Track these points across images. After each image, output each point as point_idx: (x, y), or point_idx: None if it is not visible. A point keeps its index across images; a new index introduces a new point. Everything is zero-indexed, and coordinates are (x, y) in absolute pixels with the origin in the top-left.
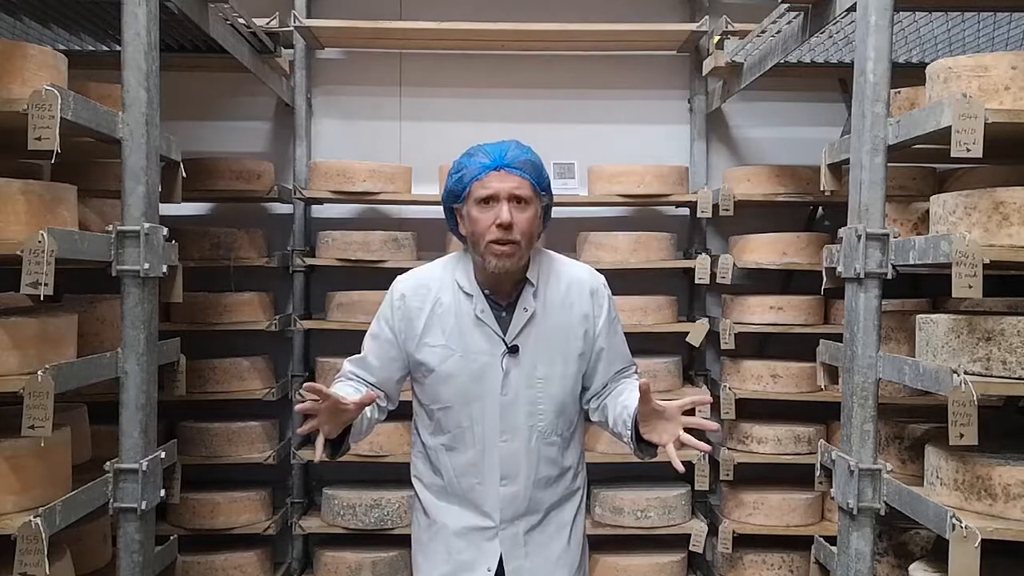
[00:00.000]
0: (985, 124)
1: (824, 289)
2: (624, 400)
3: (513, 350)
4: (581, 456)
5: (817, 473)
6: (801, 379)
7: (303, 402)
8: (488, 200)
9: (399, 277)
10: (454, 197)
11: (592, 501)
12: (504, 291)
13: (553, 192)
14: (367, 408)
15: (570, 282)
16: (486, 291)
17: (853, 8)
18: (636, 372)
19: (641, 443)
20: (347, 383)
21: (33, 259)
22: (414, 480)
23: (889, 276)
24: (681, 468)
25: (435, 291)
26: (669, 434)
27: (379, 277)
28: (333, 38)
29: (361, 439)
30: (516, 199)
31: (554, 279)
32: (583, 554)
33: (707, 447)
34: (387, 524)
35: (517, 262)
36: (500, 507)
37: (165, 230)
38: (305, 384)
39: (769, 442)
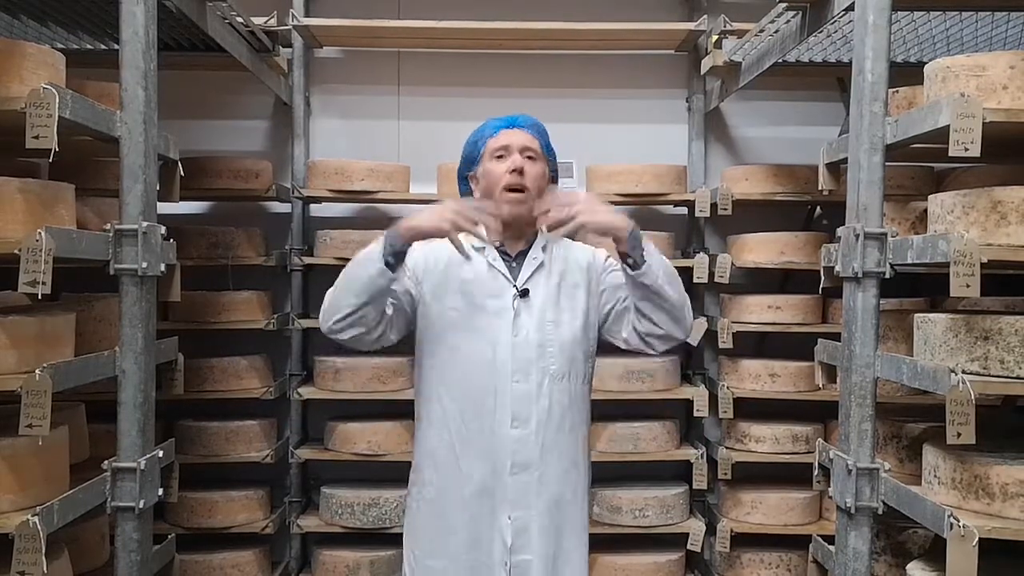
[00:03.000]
0: (983, 123)
1: (822, 288)
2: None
3: (524, 293)
4: (588, 423)
5: (815, 472)
6: (799, 378)
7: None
8: (502, 153)
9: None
10: (470, 162)
11: (590, 500)
12: (515, 245)
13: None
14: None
15: (572, 247)
16: (497, 244)
17: (851, 7)
18: None
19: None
20: None
21: (31, 258)
22: (419, 459)
23: (887, 275)
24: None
25: (450, 251)
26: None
27: None
28: (331, 37)
29: (380, 305)
30: (527, 154)
31: (558, 243)
32: (585, 543)
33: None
34: (385, 523)
35: (528, 210)
36: (511, 450)
37: (163, 229)
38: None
39: (767, 441)
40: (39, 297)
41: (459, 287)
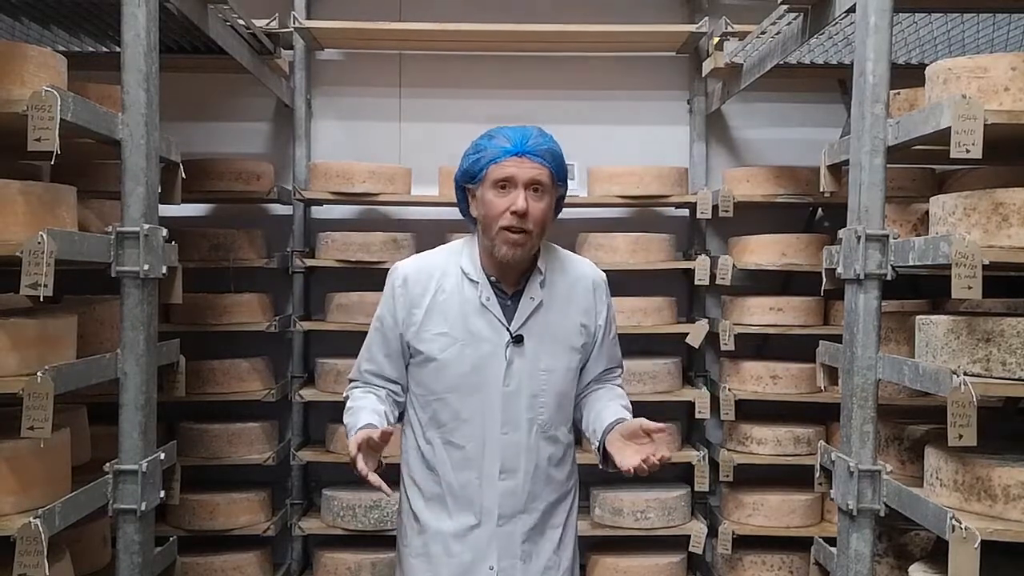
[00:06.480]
0: (984, 125)
1: (824, 290)
2: (600, 410)
3: (518, 340)
4: (574, 456)
5: (817, 474)
6: (801, 380)
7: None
8: (505, 184)
9: (400, 262)
10: (469, 177)
11: (591, 502)
12: (510, 279)
13: None
14: (387, 415)
15: (576, 276)
16: (492, 278)
17: (852, 9)
18: (621, 374)
19: (607, 458)
20: (366, 393)
21: (33, 260)
22: (406, 482)
23: (889, 277)
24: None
25: (438, 277)
26: (632, 458)
27: (379, 278)
28: (332, 39)
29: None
30: (534, 187)
31: (560, 272)
32: (574, 557)
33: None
34: (386, 525)
35: (527, 252)
36: (499, 502)
37: (165, 231)
38: (360, 443)
39: (769, 443)
40: (41, 299)
41: (448, 328)
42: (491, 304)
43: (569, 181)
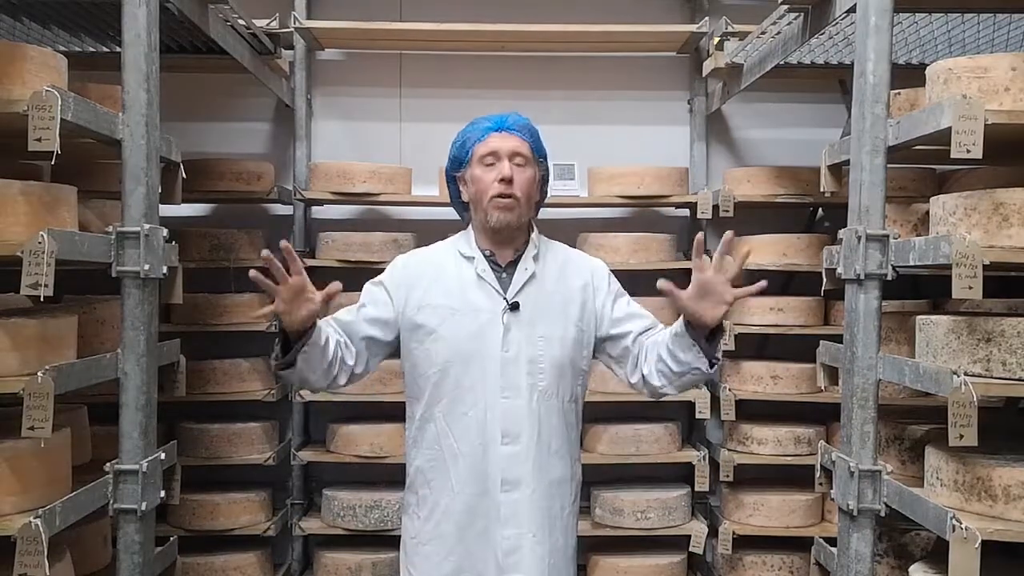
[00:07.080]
0: (985, 125)
1: (824, 290)
2: (659, 336)
3: (514, 307)
4: (578, 442)
5: (817, 474)
6: (801, 380)
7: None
8: (492, 161)
9: (401, 255)
10: (457, 164)
11: (592, 502)
12: (504, 253)
13: (553, 193)
14: (331, 338)
15: (568, 257)
16: (486, 252)
17: (853, 9)
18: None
19: (699, 339)
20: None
21: (33, 260)
22: (411, 474)
23: (889, 277)
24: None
25: (437, 262)
26: (717, 301)
27: None
28: (333, 39)
29: (315, 375)
30: (517, 160)
31: (552, 252)
32: (574, 552)
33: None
34: (387, 525)
35: (518, 218)
36: (503, 467)
37: (165, 231)
38: (271, 253)
39: (769, 443)
40: (41, 299)
41: (446, 301)
42: (486, 275)
43: (569, 181)
